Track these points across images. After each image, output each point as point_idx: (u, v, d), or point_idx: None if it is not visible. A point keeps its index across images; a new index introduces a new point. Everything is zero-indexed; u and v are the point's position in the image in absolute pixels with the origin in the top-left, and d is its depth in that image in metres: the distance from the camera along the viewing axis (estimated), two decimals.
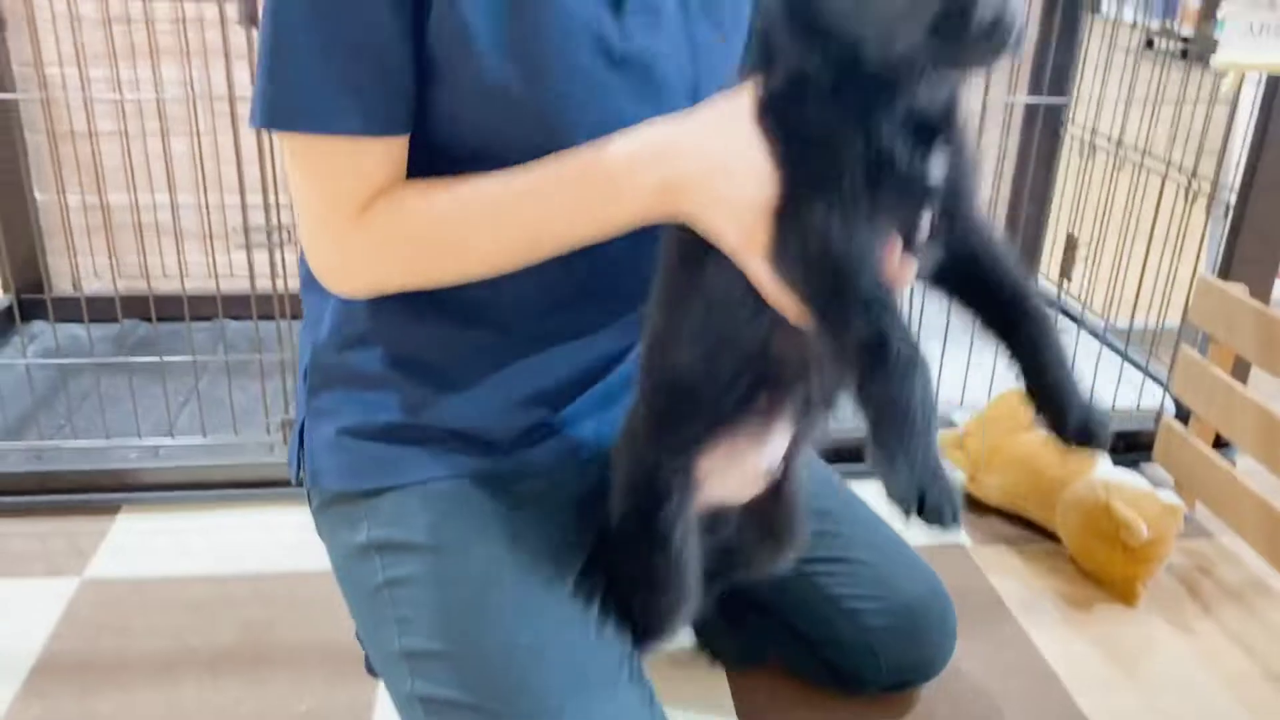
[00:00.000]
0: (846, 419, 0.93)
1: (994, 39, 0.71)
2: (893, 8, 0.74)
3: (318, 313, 1.05)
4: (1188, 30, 2.33)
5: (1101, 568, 1.61)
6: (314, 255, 0.93)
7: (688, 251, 0.89)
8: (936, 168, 0.83)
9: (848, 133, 0.80)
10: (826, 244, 0.80)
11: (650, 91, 0.93)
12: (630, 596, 1.02)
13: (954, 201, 0.86)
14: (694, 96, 0.96)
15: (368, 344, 1.02)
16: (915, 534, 1.05)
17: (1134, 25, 2.11)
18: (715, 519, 1.06)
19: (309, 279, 1.05)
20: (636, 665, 1.00)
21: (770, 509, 1.09)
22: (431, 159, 0.92)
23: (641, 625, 1.03)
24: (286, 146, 0.89)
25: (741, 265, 0.84)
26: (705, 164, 0.83)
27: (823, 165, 0.80)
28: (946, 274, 0.91)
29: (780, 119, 0.82)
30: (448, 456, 1.03)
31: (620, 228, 0.88)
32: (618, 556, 1.02)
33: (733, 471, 1.00)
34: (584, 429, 1.09)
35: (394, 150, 0.90)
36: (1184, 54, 1.97)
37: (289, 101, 0.85)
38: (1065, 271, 2.27)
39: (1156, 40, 2.17)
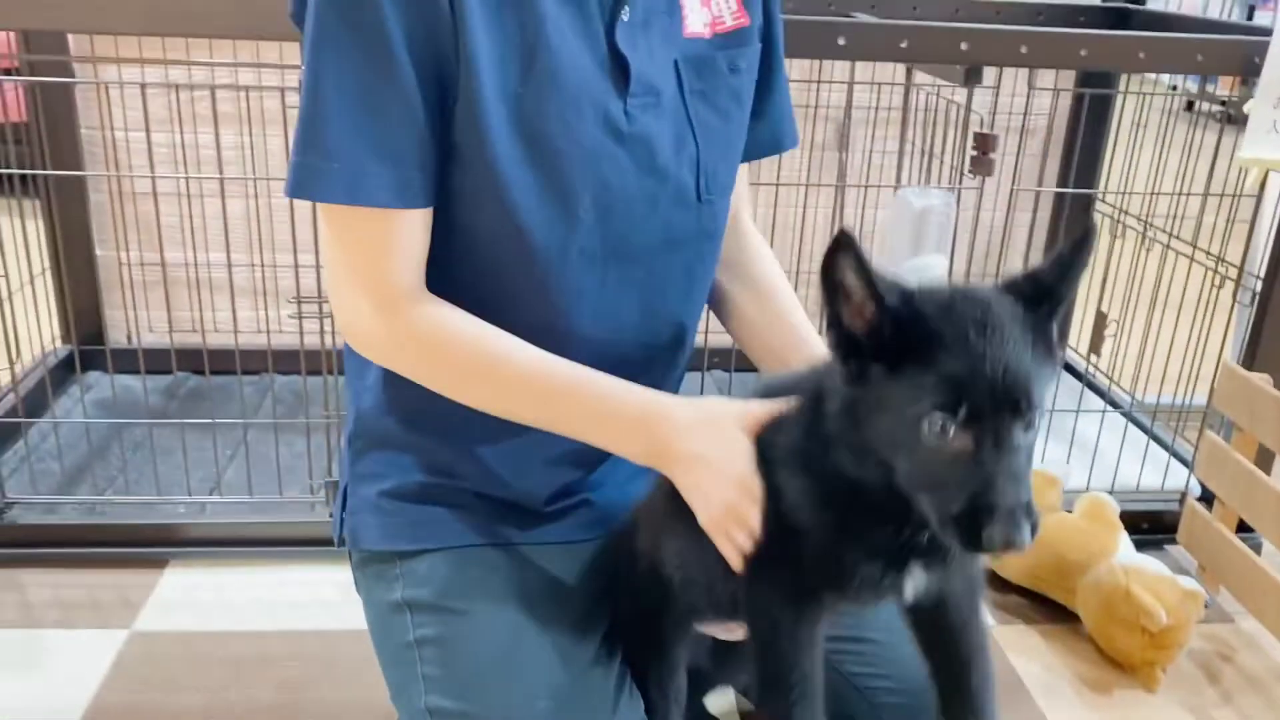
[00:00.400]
0: None
1: (1003, 547, 0.73)
2: (926, 481, 0.76)
3: (361, 377, 1.11)
4: (1225, 93, 2.37)
5: (1121, 652, 1.63)
6: (340, 313, 1.00)
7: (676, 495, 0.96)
8: (912, 587, 0.87)
9: (838, 529, 0.84)
10: (775, 626, 0.88)
11: (656, 166, 1.00)
12: (639, 673, 1.08)
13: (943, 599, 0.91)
14: (696, 172, 1.02)
15: (410, 408, 1.08)
16: None
17: (1173, 89, 2.14)
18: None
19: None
20: None
21: None
22: (455, 239, 0.98)
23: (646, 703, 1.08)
24: (320, 210, 0.96)
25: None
26: (693, 448, 0.92)
27: (805, 538, 0.85)
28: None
29: (791, 460, 0.87)
30: (482, 522, 1.09)
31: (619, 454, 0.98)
32: (624, 639, 1.08)
33: (718, 628, 1.06)
34: (613, 496, 1.14)
35: (422, 222, 0.96)
36: (1225, 117, 2.01)
37: (323, 172, 0.92)
38: (1094, 347, 2.29)
39: (1196, 103, 2.21)
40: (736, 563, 0.90)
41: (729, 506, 0.89)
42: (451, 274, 1.00)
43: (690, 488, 0.92)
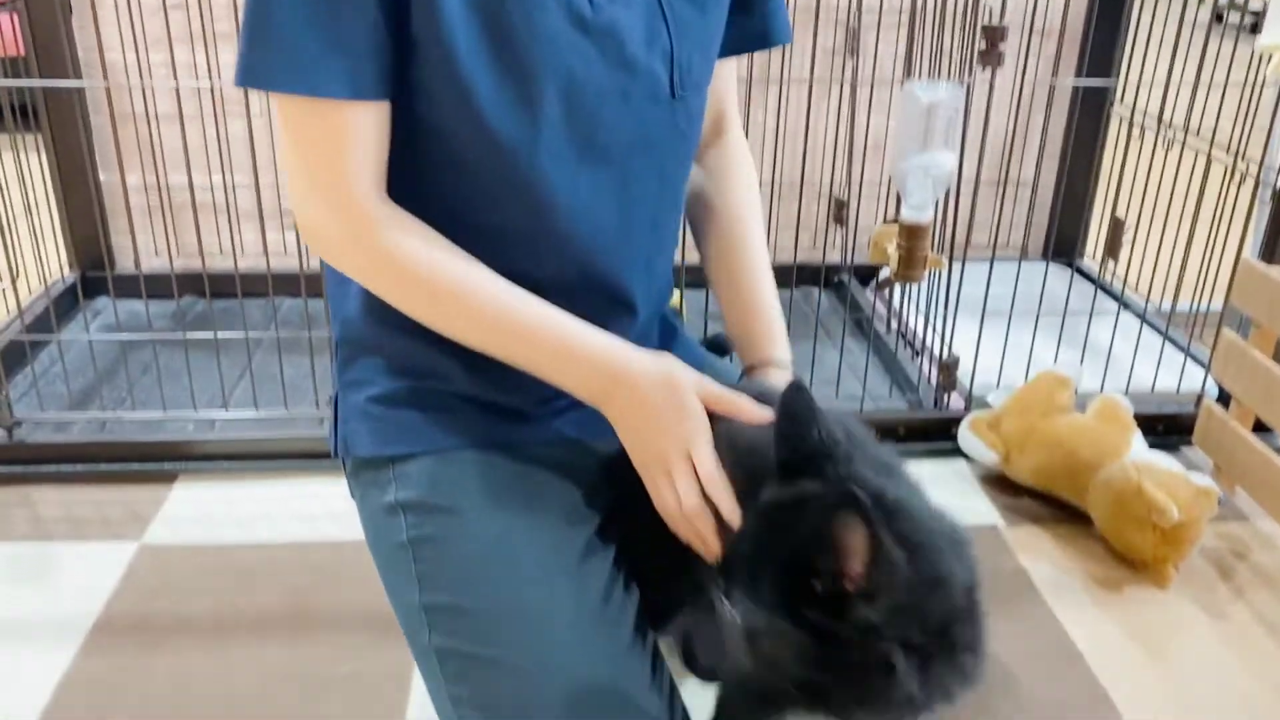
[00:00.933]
0: (882, 398, 0.95)
1: None
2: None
3: (343, 284, 1.09)
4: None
5: (1133, 549, 1.61)
6: (301, 216, 0.97)
7: None
8: None
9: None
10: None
11: (625, 58, 0.96)
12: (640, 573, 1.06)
13: None
14: (670, 66, 0.99)
15: (392, 314, 1.06)
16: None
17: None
18: None
19: None
20: (649, 635, 1.04)
21: None
22: (425, 141, 0.96)
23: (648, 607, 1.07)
24: (277, 110, 0.93)
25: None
26: (645, 399, 0.93)
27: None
28: None
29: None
30: (471, 424, 1.08)
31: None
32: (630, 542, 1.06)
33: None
34: None
35: (377, 118, 0.93)
36: (1254, 28, 1.94)
37: (272, 62, 0.89)
38: (1111, 253, 2.25)
39: (1225, 14, 2.14)
40: (665, 505, 0.92)
41: (662, 455, 0.92)
42: (426, 178, 0.97)
43: (629, 431, 0.94)
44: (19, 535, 1.65)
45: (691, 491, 0.90)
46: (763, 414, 0.92)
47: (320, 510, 1.72)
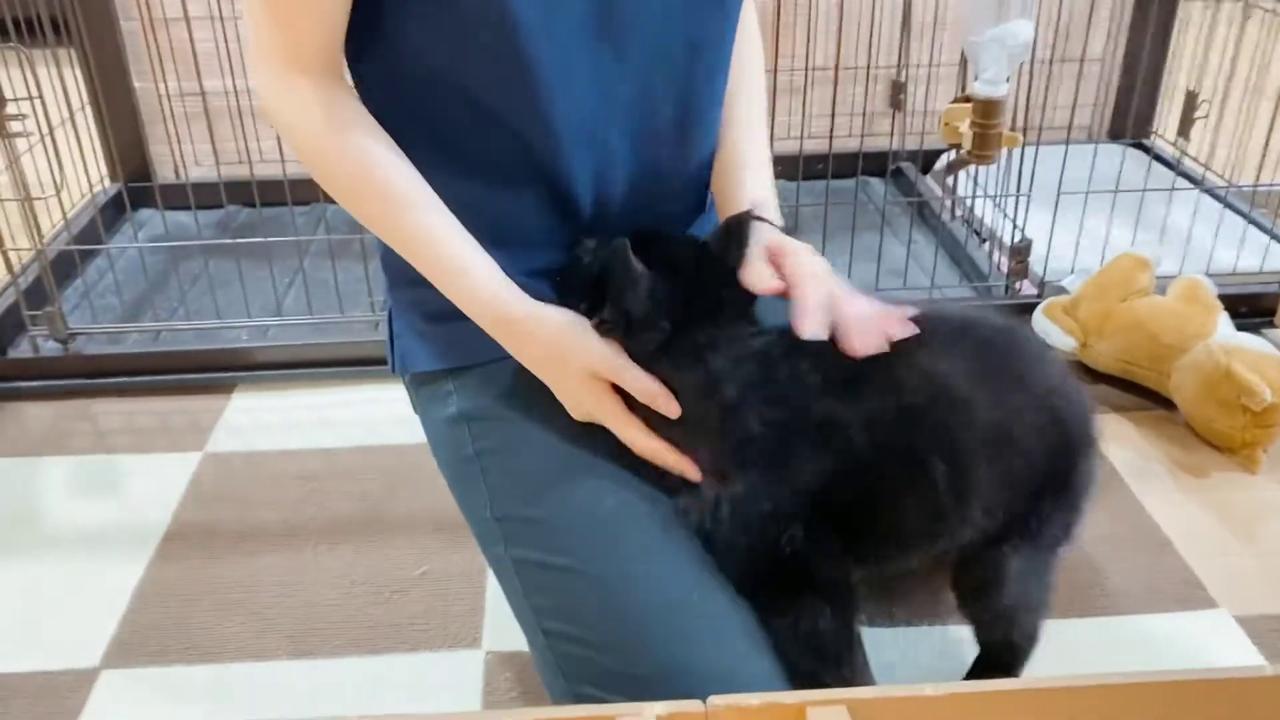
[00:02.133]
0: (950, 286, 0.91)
1: None
2: None
3: None
4: None
5: (1220, 434, 1.56)
6: (256, 79, 0.94)
7: None
8: None
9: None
10: None
11: None
12: None
13: None
14: None
15: None
16: None
17: None
18: None
19: None
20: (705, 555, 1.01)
21: None
22: (383, 48, 0.91)
23: None
24: None
25: None
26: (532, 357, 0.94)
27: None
28: None
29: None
30: None
31: None
32: None
33: None
34: None
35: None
36: None
37: None
38: (1184, 130, 2.15)
39: None
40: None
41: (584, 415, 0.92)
42: (420, 49, 0.90)
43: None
44: (83, 449, 1.64)
45: (636, 440, 0.90)
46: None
47: (383, 415, 1.70)
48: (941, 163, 2.24)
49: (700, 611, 0.90)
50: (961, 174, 2.08)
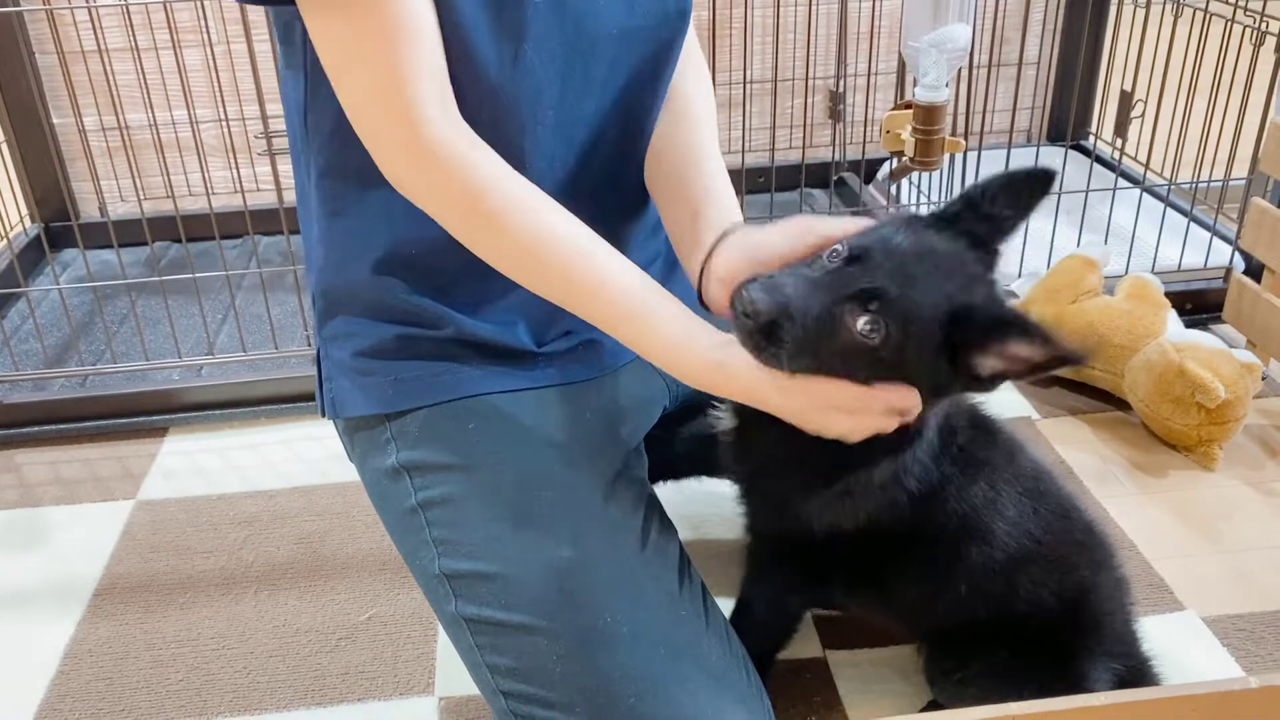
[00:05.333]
0: None
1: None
2: None
3: (310, 228, 0.99)
4: None
5: (1176, 433, 1.55)
6: (384, 154, 0.85)
7: None
8: None
9: None
10: None
11: None
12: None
13: None
14: None
15: (373, 258, 0.95)
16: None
17: None
18: None
19: (302, 195, 0.98)
20: (693, 573, 0.96)
21: None
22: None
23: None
24: (310, 26, 0.82)
25: None
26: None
27: None
28: None
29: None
30: (469, 370, 0.97)
31: None
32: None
33: None
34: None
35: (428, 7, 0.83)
36: None
37: None
38: (1120, 130, 2.16)
39: None
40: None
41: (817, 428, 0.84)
42: None
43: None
44: (8, 502, 1.56)
45: (858, 430, 0.84)
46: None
47: (322, 453, 1.63)
48: (884, 171, 2.22)
49: (670, 665, 0.86)
50: (905, 181, 2.07)
